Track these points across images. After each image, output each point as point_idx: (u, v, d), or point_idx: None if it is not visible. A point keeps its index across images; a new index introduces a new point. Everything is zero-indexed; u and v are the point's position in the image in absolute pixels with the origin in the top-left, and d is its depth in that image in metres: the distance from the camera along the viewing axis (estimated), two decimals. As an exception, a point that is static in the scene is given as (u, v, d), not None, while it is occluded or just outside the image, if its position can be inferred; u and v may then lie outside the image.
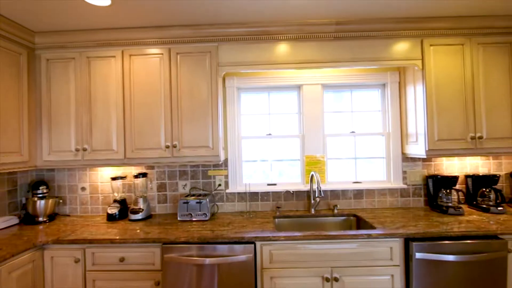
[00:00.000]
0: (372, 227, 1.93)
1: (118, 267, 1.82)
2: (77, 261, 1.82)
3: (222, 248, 1.78)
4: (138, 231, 1.95)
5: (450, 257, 1.73)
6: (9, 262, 1.61)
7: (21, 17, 1.92)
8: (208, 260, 1.75)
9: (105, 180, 2.50)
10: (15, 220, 2.23)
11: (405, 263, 1.79)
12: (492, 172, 2.47)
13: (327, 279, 1.76)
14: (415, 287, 1.74)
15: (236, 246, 1.77)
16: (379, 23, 2.10)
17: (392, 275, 1.77)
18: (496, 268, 1.73)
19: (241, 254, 1.76)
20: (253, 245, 1.78)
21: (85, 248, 1.83)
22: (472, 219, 2.01)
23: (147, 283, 1.81)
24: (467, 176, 2.41)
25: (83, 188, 2.51)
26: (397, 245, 1.78)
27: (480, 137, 2.10)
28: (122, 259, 1.81)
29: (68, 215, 2.48)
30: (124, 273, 1.81)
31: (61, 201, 2.48)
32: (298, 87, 2.54)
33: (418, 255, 1.73)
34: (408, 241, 1.78)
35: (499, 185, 2.47)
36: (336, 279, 1.76)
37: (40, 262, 1.82)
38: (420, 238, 1.77)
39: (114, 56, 2.16)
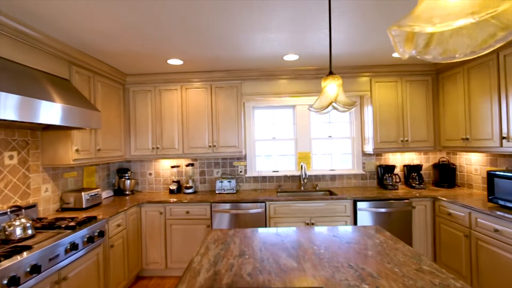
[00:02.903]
0: (336, 195, 3.17)
1: (185, 217, 3.08)
2: (161, 213, 3.09)
3: (247, 206, 3.04)
4: (189, 200, 3.21)
5: (380, 210, 2.97)
6: (128, 211, 2.88)
7: (121, 66, 3.17)
8: (239, 211, 3.02)
9: (164, 168, 3.76)
10: (111, 193, 3.52)
11: (354, 214, 3.04)
12: (422, 163, 3.69)
13: (307, 224, 3.02)
14: (359, 228, 2.98)
15: (255, 204, 3.03)
16: (345, 68, 3.34)
17: (346, 221, 3.02)
18: (406, 216, 2.97)
19: (257, 208, 3.02)
20: (264, 203, 3.04)
21: (165, 206, 3.10)
22: (399, 192, 3.24)
23: (201, 226, 3.07)
24: (404, 165, 3.63)
25: (150, 174, 3.78)
26: (348, 204, 3.03)
27: (407, 140, 3.33)
28: (187, 212, 3.07)
29: (141, 191, 3.76)
30: (188, 220, 3.08)
31: (138, 182, 3.76)
32: (293, 107, 3.79)
33: (360, 209, 2.98)
34: (355, 201, 3.02)
35: (426, 172, 3.69)
36: (313, 224, 3.01)
37: (139, 214, 3.09)
38: (361, 199, 3.01)
39: (176, 89, 3.43)
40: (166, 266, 3.09)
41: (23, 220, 1.89)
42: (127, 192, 3.54)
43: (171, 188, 3.54)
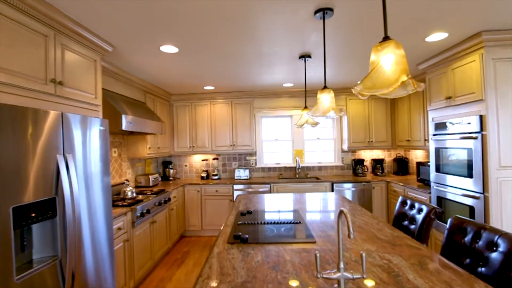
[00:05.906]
0: (320, 179, 4.50)
1: (215, 194, 4.45)
2: (198, 191, 4.46)
3: (257, 186, 4.40)
4: (216, 183, 4.58)
5: (351, 189, 4.31)
6: (178, 188, 4.25)
7: (169, 89, 4.55)
8: (251, 190, 4.38)
9: (196, 161, 5.14)
10: (160, 178, 4.90)
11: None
12: (386, 158, 5.01)
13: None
14: (335, 202, 4.33)
15: (263, 185, 4.39)
16: (326, 89, 4.68)
17: (326, 197, 4.36)
18: (368, 194, 4.30)
19: (265, 188, 4.38)
20: (269, 185, 4.39)
21: (201, 186, 4.47)
22: (366, 178, 4.57)
23: (226, 201, 4.44)
24: (372, 159, 4.96)
25: (185, 165, 5.16)
26: (328, 185, 4.37)
27: (372, 141, 4.66)
28: (216, 191, 4.44)
29: (179, 178, 5.14)
30: (217, 197, 4.45)
31: (177, 171, 5.15)
32: (290, 116, 5.13)
33: (335, 189, 4.32)
34: (332, 183, 4.36)
35: (389, 164, 5.01)
36: (303, 199, 4.37)
37: (183, 191, 4.47)
38: (336, 182, 4.35)
39: (206, 104, 4.80)
40: (202, 228, 4.47)
41: (130, 188, 3.28)
42: (170, 178, 4.93)
43: (202, 175, 4.91)
